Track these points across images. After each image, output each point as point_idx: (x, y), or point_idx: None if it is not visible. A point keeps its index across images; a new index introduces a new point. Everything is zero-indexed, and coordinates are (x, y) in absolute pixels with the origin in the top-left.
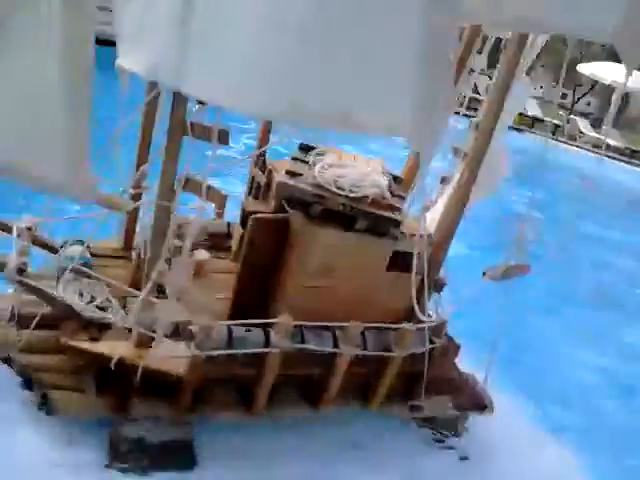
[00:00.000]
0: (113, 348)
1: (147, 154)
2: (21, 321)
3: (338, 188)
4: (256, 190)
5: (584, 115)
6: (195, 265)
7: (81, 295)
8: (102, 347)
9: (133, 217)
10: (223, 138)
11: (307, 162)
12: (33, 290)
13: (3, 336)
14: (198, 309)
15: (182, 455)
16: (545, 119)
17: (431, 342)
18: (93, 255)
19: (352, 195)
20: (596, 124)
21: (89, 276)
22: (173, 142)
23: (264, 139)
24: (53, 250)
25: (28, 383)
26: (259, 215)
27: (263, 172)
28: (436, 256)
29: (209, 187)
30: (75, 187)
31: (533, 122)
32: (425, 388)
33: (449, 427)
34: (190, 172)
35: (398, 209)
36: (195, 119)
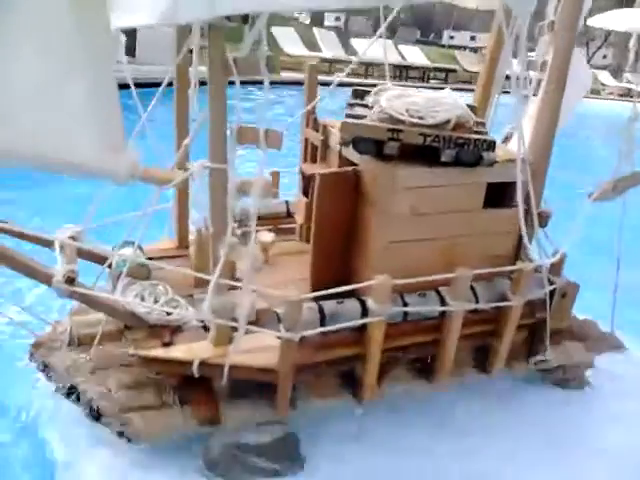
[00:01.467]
0: (190, 351)
1: (186, 130)
2: (81, 343)
3: (413, 117)
4: (312, 153)
5: (602, 68)
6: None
7: (142, 299)
8: (177, 352)
9: (183, 210)
10: (271, 66)
11: (366, 105)
12: (88, 300)
13: (62, 362)
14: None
15: (287, 457)
16: None
17: (551, 283)
18: (147, 259)
19: (432, 121)
20: (616, 74)
21: (148, 277)
22: (217, 87)
23: (312, 92)
24: (102, 259)
25: (96, 413)
26: (325, 171)
27: (317, 131)
28: (534, 185)
29: (266, 131)
30: (115, 167)
31: None
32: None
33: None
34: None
35: (485, 134)
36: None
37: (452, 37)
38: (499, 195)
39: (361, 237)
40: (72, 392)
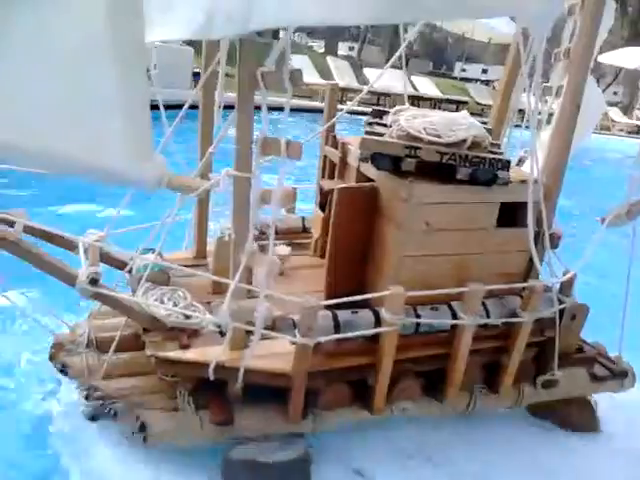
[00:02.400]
0: (206, 354)
1: (210, 138)
2: (99, 346)
3: (430, 135)
4: (330, 169)
5: (613, 104)
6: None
7: (162, 302)
8: (194, 354)
9: (202, 221)
10: (296, 79)
11: (384, 124)
12: (110, 301)
13: (81, 363)
14: (288, 306)
15: (301, 472)
16: None
17: (560, 303)
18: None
19: (449, 140)
20: (627, 111)
21: (167, 283)
22: (245, 101)
23: (331, 109)
24: (122, 264)
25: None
26: (343, 186)
27: (335, 149)
28: (547, 206)
29: (288, 142)
30: (143, 174)
31: None
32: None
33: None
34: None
35: (500, 154)
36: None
37: (464, 70)
38: (513, 214)
39: (377, 250)
40: (90, 393)
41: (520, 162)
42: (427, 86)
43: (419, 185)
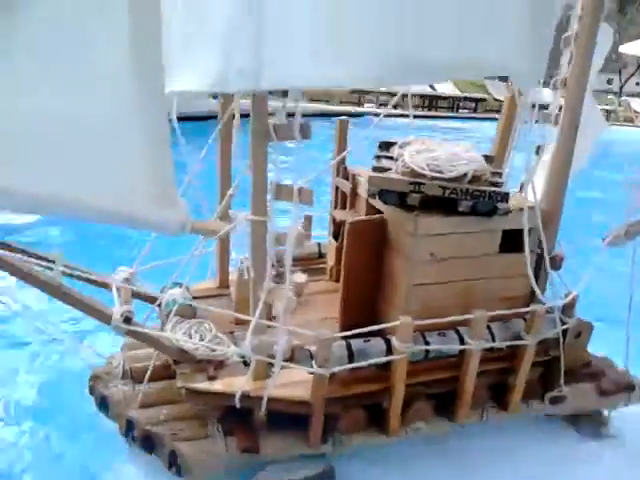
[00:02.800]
0: (232, 384)
1: (229, 180)
2: (134, 376)
3: (433, 171)
4: (342, 200)
5: (635, 95)
6: (294, 288)
7: (190, 336)
8: (220, 385)
9: (224, 254)
10: (305, 132)
11: (392, 157)
12: (143, 337)
13: (119, 394)
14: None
15: None
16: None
17: (562, 323)
18: (192, 297)
19: (450, 175)
20: None
21: (194, 316)
22: (260, 151)
23: (341, 143)
24: (152, 299)
25: (149, 444)
26: (354, 219)
27: (346, 180)
28: (548, 229)
29: (300, 189)
30: (167, 221)
31: None
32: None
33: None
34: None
35: (500, 184)
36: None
37: None
38: (515, 240)
39: (387, 279)
40: (129, 429)
41: (522, 188)
42: (445, 85)
43: (424, 219)
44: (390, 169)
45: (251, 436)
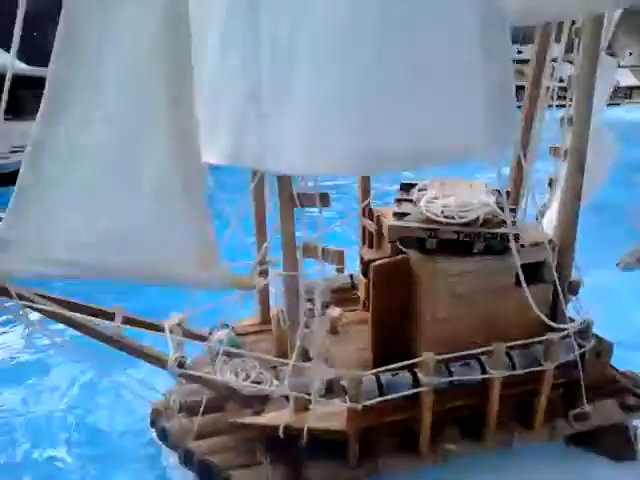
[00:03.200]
0: (275, 418)
1: (264, 232)
2: (189, 409)
3: (447, 217)
4: (369, 239)
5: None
6: (330, 322)
7: (236, 374)
8: (265, 419)
9: (265, 292)
10: (324, 201)
11: (411, 200)
12: (195, 379)
13: (178, 426)
14: (342, 363)
15: None
16: None
17: (580, 347)
18: (238, 334)
19: (462, 220)
20: None
21: (240, 355)
22: (287, 218)
23: (364, 191)
24: (203, 339)
25: (206, 472)
26: (378, 262)
27: (372, 220)
28: (563, 259)
29: (324, 249)
30: (210, 280)
31: (631, 92)
32: (585, 395)
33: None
34: (307, 239)
35: (512, 222)
36: (299, 188)
37: (520, 52)
38: (532, 272)
39: (412, 314)
40: (188, 458)
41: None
42: None
43: (441, 261)
44: (409, 214)
45: (295, 463)
